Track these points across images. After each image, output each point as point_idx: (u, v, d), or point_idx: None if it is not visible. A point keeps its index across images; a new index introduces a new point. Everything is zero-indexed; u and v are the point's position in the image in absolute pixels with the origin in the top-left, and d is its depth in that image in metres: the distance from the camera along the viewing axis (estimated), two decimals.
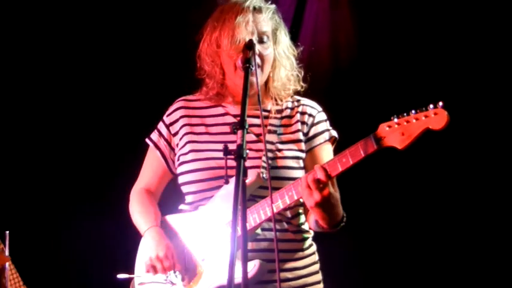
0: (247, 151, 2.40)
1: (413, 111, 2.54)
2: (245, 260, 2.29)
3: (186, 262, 2.96)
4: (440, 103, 2.49)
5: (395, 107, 2.67)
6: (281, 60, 3.01)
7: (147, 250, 2.99)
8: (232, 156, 2.39)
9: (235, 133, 2.45)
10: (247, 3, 2.96)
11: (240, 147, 2.39)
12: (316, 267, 3.03)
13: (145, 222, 3.07)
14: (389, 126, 2.57)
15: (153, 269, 2.94)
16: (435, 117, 2.49)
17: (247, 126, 2.44)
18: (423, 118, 2.51)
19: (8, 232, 4.44)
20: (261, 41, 2.93)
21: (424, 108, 2.52)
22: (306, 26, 4.73)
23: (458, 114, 2.62)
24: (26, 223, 5.03)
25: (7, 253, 4.43)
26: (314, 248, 3.04)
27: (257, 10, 2.95)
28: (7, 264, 4.47)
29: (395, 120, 2.56)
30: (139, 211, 3.13)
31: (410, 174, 4.59)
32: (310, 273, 2.99)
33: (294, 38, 3.14)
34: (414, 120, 2.53)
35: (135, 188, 3.22)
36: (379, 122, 2.62)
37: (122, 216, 3.38)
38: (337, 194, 2.78)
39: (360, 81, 4.69)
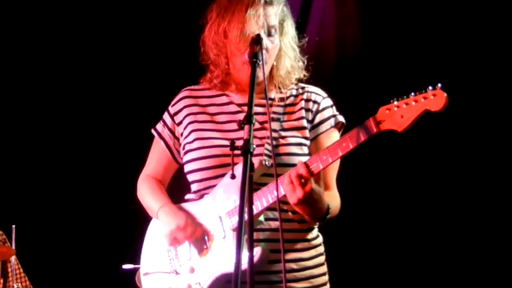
0: (254, 146, 2.39)
1: (412, 94, 2.53)
2: (251, 257, 2.28)
3: (203, 230, 2.93)
4: (439, 85, 2.49)
5: (398, 91, 2.66)
6: (286, 51, 2.98)
7: (165, 226, 2.97)
8: (239, 152, 2.37)
9: (242, 128, 2.44)
10: None
11: (247, 141, 2.37)
12: (322, 259, 3.01)
13: (157, 202, 3.07)
14: (389, 109, 2.57)
15: (176, 240, 2.93)
16: (434, 98, 2.48)
17: (254, 122, 2.42)
18: (422, 100, 2.50)
19: (14, 226, 4.46)
20: (268, 35, 2.91)
21: (423, 91, 2.52)
22: (312, 19, 4.71)
23: (457, 99, 2.61)
24: (31, 218, 5.04)
25: (13, 247, 4.45)
26: (320, 239, 3.02)
27: (268, 3, 2.92)
28: (13, 258, 4.49)
29: (395, 103, 2.56)
30: (150, 193, 3.13)
31: (410, 168, 4.59)
32: (316, 264, 2.97)
33: (301, 31, 3.13)
34: (413, 103, 2.52)
35: (142, 176, 3.22)
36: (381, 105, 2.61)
37: (127, 209, 3.39)
38: (320, 189, 2.77)
39: (365, 73, 4.69)
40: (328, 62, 4.66)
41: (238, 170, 2.44)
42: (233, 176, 2.58)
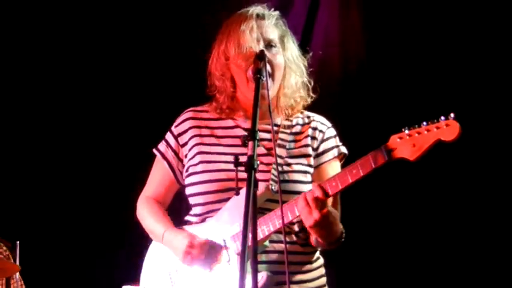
0: (258, 162, 2.38)
1: (424, 123, 2.52)
2: (255, 273, 2.28)
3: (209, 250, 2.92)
4: (452, 114, 2.48)
5: (405, 118, 2.66)
6: (291, 67, 3.00)
7: (174, 248, 2.95)
8: (243, 168, 2.38)
9: (245, 145, 2.44)
10: (250, 12, 2.97)
11: (251, 158, 2.37)
12: (324, 280, 3.01)
13: (161, 226, 3.05)
14: (401, 138, 2.56)
15: (192, 257, 2.89)
16: (447, 128, 2.47)
17: (258, 138, 2.43)
18: (435, 129, 2.49)
19: (18, 242, 4.46)
20: (269, 48, 2.92)
21: (435, 120, 2.50)
22: (316, 37, 4.73)
23: (469, 126, 2.60)
24: (35, 234, 5.03)
25: (17, 263, 4.45)
26: (321, 261, 3.03)
27: (260, 17, 2.96)
28: (17, 274, 4.48)
29: (407, 131, 2.55)
30: (152, 216, 3.10)
31: (418, 187, 4.57)
32: (318, 286, 2.98)
33: (305, 48, 3.14)
34: (425, 132, 2.51)
35: (142, 196, 3.20)
36: (389, 133, 2.61)
37: (130, 227, 3.38)
38: (336, 212, 2.78)
39: (369, 92, 4.68)
40: (333, 79, 4.67)
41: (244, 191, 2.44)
42: (237, 193, 2.59)
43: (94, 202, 5.16)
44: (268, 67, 2.81)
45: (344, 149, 3.05)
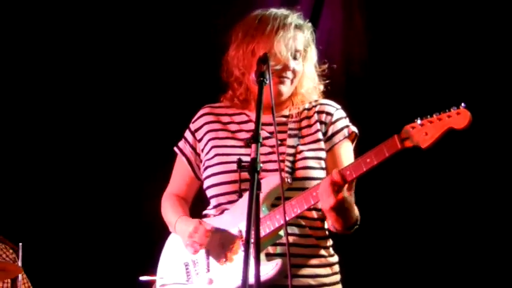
0: (261, 165, 2.40)
1: (436, 113, 2.62)
2: (258, 277, 2.30)
3: (221, 238, 2.94)
4: (463, 104, 2.57)
5: (408, 117, 2.70)
6: (308, 76, 3.06)
7: (182, 234, 3.01)
8: (246, 170, 2.40)
9: (249, 147, 2.46)
10: (289, 20, 2.99)
11: (254, 160, 2.39)
12: (338, 277, 3.03)
13: (175, 215, 3.11)
14: (413, 127, 2.64)
15: (195, 243, 2.93)
16: (458, 116, 2.57)
17: (261, 140, 2.44)
18: (446, 118, 2.59)
19: (21, 244, 4.47)
20: (294, 58, 2.99)
21: (446, 110, 2.60)
22: (319, 39, 4.73)
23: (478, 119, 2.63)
24: (38, 235, 5.04)
25: (20, 264, 4.46)
26: (336, 258, 3.05)
27: (298, 27, 3.00)
28: (20, 275, 4.49)
29: (419, 121, 2.63)
30: (171, 209, 3.17)
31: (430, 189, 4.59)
32: (333, 282, 2.99)
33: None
34: (438, 120, 2.60)
35: (166, 194, 3.28)
36: (392, 134, 2.65)
37: (142, 223, 3.39)
38: (351, 198, 2.84)
39: (372, 93, 4.70)
40: (336, 81, 4.67)
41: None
42: (240, 195, 2.59)
43: (97, 203, 5.17)
44: (290, 74, 2.97)
45: (354, 128, 3.08)
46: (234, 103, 3.12)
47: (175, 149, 3.22)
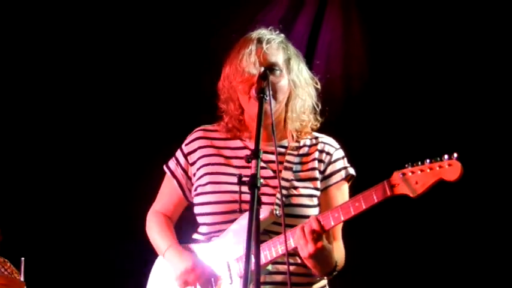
0: (262, 180, 2.41)
1: (427, 161, 2.56)
2: None
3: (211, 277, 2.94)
4: (455, 154, 2.52)
5: (408, 134, 2.69)
6: (296, 90, 3.00)
7: (172, 268, 2.99)
8: (246, 186, 2.41)
9: (249, 162, 2.47)
10: (252, 36, 2.98)
11: (254, 176, 2.40)
12: None
13: (164, 242, 3.08)
14: (404, 174, 2.60)
15: (186, 283, 2.94)
16: (449, 168, 2.52)
17: (261, 156, 2.45)
18: (437, 168, 2.54)
19: (23, 259, 4.47)
20: (270, 71, 2.91)
21: (438, 158, 2.55)
22: (319, 56, 4.75)
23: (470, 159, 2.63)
24: (41, 250, 5.05)
25: (22, 279, 4.46)
26: (325, 281, 3.03)
27: (261, 40, 2.95)
28: None
29: (410, 168, 2.59)
30: (158, 231, 3.14)
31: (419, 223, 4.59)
32: None
33: (308, 66, 3.15)
34: (428, 170, 2.55)
35: (152, 211, 3.24)
36: (391, 151, 2.65)
37: (137, 242, 3.39)
38: (330, 246, 2.80)
39: (372, 109, 4.70)
40: (335, 101, 4.69)
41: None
42: (240, 210, 2.60)
43: (100, 218, 5.17)
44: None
45: (352, 171, 3.05)
46: (228, 132, 3.09)
47: (165, 168, 3.18)
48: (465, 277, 4.53)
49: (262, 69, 2.86)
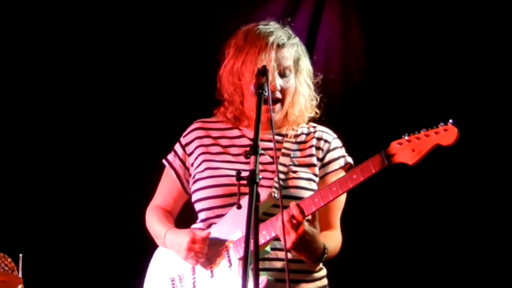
0: (260, 176, 2.41)
1: (423, 129, 2.59)
2: (257, 279, 2.31)
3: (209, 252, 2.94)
4: (451, 120, 2.55)
5: (406, 128, 2.70)
6: (301, 89, 3.03)
7: (175, 245, 2.99)
8: (245, 182, 2.41)
9: (248, 158, 2.47)
10: (271, 39, 2.96)
11: (253, 172, 2.40)
12: None
13: (163, 227, 3.09)
14: (400, 144, 2.62)
15: (195, 253, 2.91)
16: (445, 133, 2.55)
17: (260, 152, 2.45)
18: (433, 135, 2.57)
19: (21, 255, 4.46)
20: (283, 76, 2.96)
21: (434, 126, 2.58)
22: (318, 52, 4.75)
23: (467, 132, 2.64)
24: (38, 246, 5.05)
25: (20, 275, 4.46)
26: (324, 271, 3.04)
27: (280, 46, 2.97)
28: (20, 286, 4.49)
29: (406, 137, 2.61)
30: (157, 222, 3.15)
31: (418, 203, 4.60)
32: None
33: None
34: (425, 137, 2.58)
35: (151, 206, 3.25)
36: (390, 142, 2.65)
37: (137, 238, 3.40)
38: (313, 230, 2.80)
39: (370, 104, 4.71)
40: (334, 96, 4.69)
41: (246, 200, 2.48)
42: (239, 207, 2.61)
43: (98, 214, 5.18)
44: (279, 94, 2.94)
45: (350, 159, 3.07)
46: (226, 118, 3.11)
47: (164, 161, 3.20)
48: (466, 256, 4.55)
49: (262, 65, 2.84)
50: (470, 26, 4.49)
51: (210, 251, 2.93)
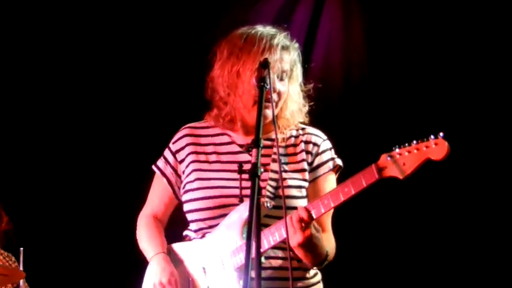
0: (262, 170, 2.39)
1: (414, 142, 2.56)
2: (259, 282, 2.30)
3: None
4: (441, 134, 2.52)
5: (407, 124, 2.68)
6: (293, 96, 2.99)
7: (151, 276, 2.99)
8: (247, 176, 2.39)
9: (249, 152, 2.45)
10: (275, 41, 2.91)
11: (255, 165, 2.38)
12: None
13: (152, 248, 3.06)
14: (391, 157, 2.60)
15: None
16: (436, 147, 2.51)
17: (261, 145, 2.43)
18: (424, 148, 2.53)
19: (22, 249, 4.47)
20: (281, 79, 2.92)
21: (425, 139, 2.54)
22: (319, 45, 4.74)
23: (460, 144, 2.64)
24: (40, 240, 5.05)
25: (21, 269, 4.46)
26: (319, 276, 3.02)
27: (285, 49, 2.93)
28: (21, 281, 4.49)
29: (397, 150, 2.59)
30: (146, 237, 3.12)
31: (409, 204, 4.60)
32: None
33: (307, 57, 3.13)
34: (415, 151, 2.55)
35: (142, 214, 3.21)
36: (390, 140, 2.64)
37: (134, 238, 3.39)
38: (319, 235, 2.78)
39: (371, 99, 4.71)
40: (335, 86, 4.68)
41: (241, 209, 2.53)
42: (241, 200, 2.58)
43: (97, 208, 5.18)
44: (275, 96, 2.88)
45: (339, 162, 3.04)
46: (218, 123, 3.04)
47: (154, 168, 3.14)
48: (458, 262, 4.56)
49: (263, 58, 2.79)
50: (474, 22, 4.48)
51: (203, 262, 2.93)
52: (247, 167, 2.53)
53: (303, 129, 3.05)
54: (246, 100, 2.94)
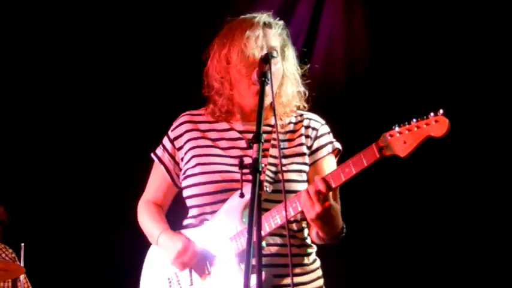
0: (263, 165, 2.39)
1: (414, 120, 2.54)
2: (259, 275, 2.30)
3: (206, 258, 2.93)
4: (441, 111, 2.49)
5: (409, 113, 2.67)
6: (289, 76, 3.00)
7: (167, 254, 2.98)
8: (248, 170, 2.39)
9: (251, 147, 2.44)
10: (256, 19, 2.95)
11: (256, 161, 2.38)
12: (321, 282, 3.01)
13: (157, 228, 3.06)
14: (391, 135, 2.58)
15: (183, 264, 2.92)
16: (436, 124, 2.49)
17: (263, 140, 2.43)
18: (424, 126, 2.51)
19: (23, 244, 4.47)
20: (272, 56, 2.86)
21: (425, 117, 2.52)
22: (320, 38, 4.73)
23: (460, 122, 2.62)
24: (40, 235, 5.06)
25: (22, 264, 4.47)
26: (318, 263, 3.02)
27: (267, 25, 2.95)
28: (22, 276, 4.50)
29: (397, 129, 2.57)
30: (150, 220, 3.12)
31: (412, 184, 4.59)
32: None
33: (309, 50, 3.13)
34: (415, 129, 2.53)
35: (142, 201, 3.22)
36: (383, 131, 2.62)
37: (135, 229, 3.39)
38: (337, 206, 2.80)
39: (373, 91, 4.71)
40: (337, 79, 4.68)
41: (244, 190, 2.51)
42: (242, 195, 2.58)
43: (97, 203, 5.19)
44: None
45: (338, 145, 3.05)
46: (216, 116, 3.05)
47: (153, 155, 3.15)
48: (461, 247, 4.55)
49: (265, 52, 2.83)
50: (475, 13, 4.48)
51: (205, 248, 2.92)
52: (247, 160, 2.54)
53: (301, 115, 3.06)
54: (238, 84, 2.95)
